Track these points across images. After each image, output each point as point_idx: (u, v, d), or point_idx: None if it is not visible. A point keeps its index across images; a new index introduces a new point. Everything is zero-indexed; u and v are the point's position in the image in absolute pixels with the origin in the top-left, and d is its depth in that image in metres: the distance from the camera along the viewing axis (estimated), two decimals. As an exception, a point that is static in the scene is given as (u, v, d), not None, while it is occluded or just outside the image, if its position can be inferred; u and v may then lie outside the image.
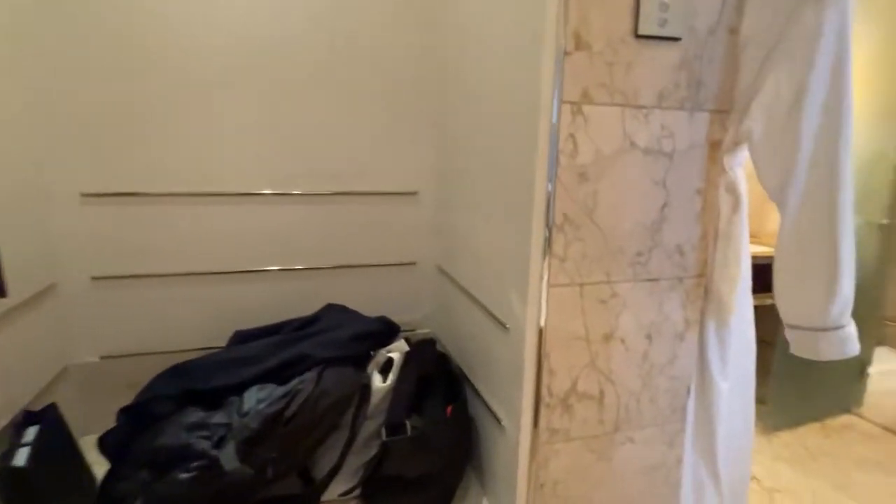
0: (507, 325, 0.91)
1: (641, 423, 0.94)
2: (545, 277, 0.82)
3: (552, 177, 0.79)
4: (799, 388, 2.21)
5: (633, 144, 0.82)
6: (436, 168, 1.40)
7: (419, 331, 1.48)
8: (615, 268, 0.86)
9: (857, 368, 2.38)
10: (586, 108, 0.78)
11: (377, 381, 1.01)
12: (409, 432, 0.93)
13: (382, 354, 1.07)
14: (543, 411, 0.87)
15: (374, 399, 0.98)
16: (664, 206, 0.86)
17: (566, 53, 0.76)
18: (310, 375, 0.91)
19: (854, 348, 0.79)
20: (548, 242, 0.81)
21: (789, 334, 0.83)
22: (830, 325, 0.77)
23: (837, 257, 0.75)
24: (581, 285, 0.84)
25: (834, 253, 0.75)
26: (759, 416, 2.36)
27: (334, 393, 0.89)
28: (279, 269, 1.34)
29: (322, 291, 1.34)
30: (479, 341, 1.07)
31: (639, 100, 0.81)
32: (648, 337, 0.91)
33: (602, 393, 0.90)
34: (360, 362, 1.04)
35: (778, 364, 2.11)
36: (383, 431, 0.94)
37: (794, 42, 0.77)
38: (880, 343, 3.03)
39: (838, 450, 2.11)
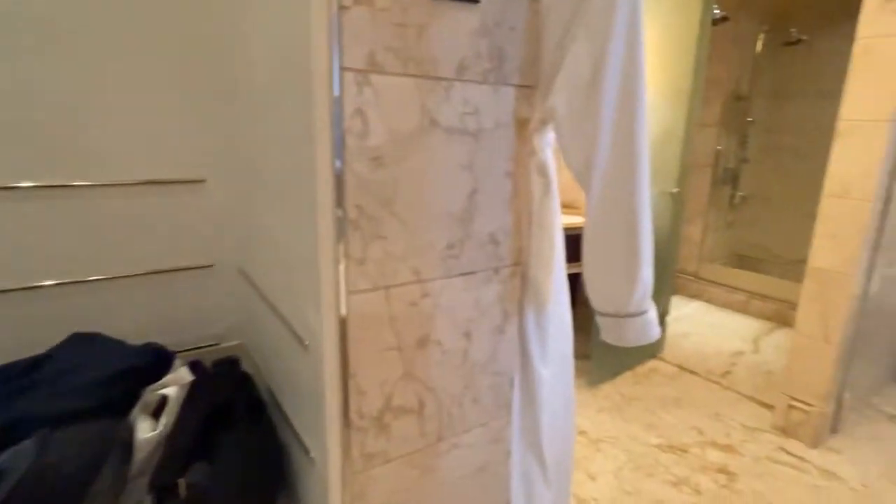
0: (306, 342, 0.75)
1: (466, 425, 0.87)
2: (342, 284, 0.67)
3: (339, 163, 0.64)
4: (615, 344, 2.44)
5: (433, 123, 0.70)
6: (226, 151, 1.15)
7: (226, 344, 1.25)
8: (425, 265, 0.75)
9: (659, 318, 2.71)
10: (375, 79, 0.64)
11: (144, 429, 0.78)
12: (182, 493, 0.73)
13: (153, 393, 0.84)
14: (355, 437, 0.74)
15: (141, 454, 0.76)
16: (473, 192, 0.77)
17: (342, 7, 0.60)
18: (26, 446, 0.65)
19: (655, 332, 0.80)
20: (342, 243, 0.66)
21: (599, 321, 0.82)
22: (634, 311, 0.76)
23: (638, 243, 0.73)
24: (387, 288, 0.72)
25: (635, 238, 0.73)
26: (584, 371, 2.58)
27: (68, 464, 0.65)
28: (10, 290, 1.00)
29: (79, 315, 1.03)
30: (284, 359, 0.90)
31: (437, 70, 0.69)
32: (467, 335, 0.83)
33: (421, 404, 0.80)
34: (120, 409, 0.80)
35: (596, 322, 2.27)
36: (148, 500, 0.73)
37: (590, 14, 0.71)
38: (674, 293, 3.54)
39: (647, 393, 2.39)
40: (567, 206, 2.72)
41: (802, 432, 2.03)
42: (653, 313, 0.79)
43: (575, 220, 1.98)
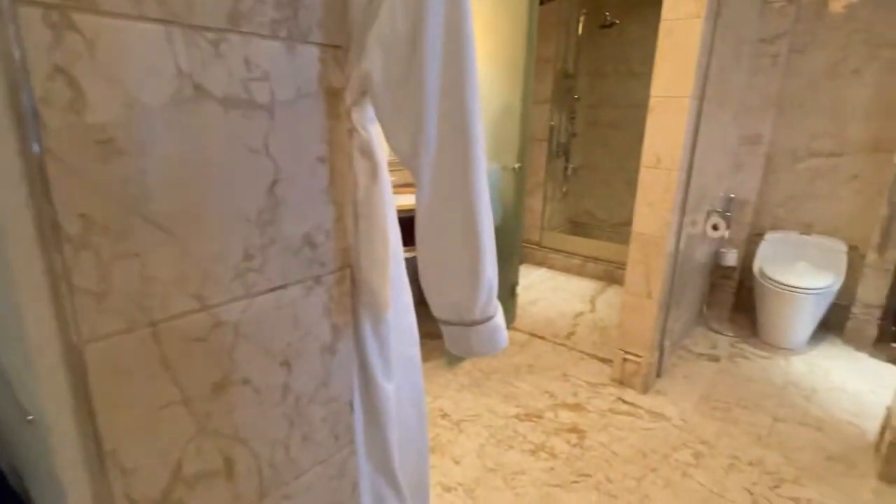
0: (29, 416, 0.51)
1: (298, 470, 0.71)
2: (67, 331, 0.45)
3: (37, 148, 0.41)
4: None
5: (199, 90, 0.50)
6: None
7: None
8: (212, 286, 0.55)
9: (509, 289, 2.78)
10: (84, 21, 0.42)
11: None
12: None
13: None
14: (127, 532, 0.53)
15: None
16: (274, 183, 0.59)
17: None
18: None
19: (503, 339, 0.71)
20: (57, 271, 0.44)
21: (442, 330, 0.70)
22: (479, 318, 0.66)
23: (478, 241, 0.62)
24: (153, 325, 0.51)
25: (474, 235, 0.62)
26: (444, 352, 2.56)
27: None
28: None
29: None
30: (16, 440, 0.63)
31: (194, 15, 0.48)
32: (286, 364, 0.65)
33: (230, 462, 0.62)
34: None
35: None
36: None
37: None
38: (521, 263, 3.72)
39: (503, 364, 2.44)
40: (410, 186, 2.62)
41: (635, 381, 2.24)
42: (500, 318, 0.70)
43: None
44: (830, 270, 2.65)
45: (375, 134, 0.72)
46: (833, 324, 2.81)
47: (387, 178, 0.75)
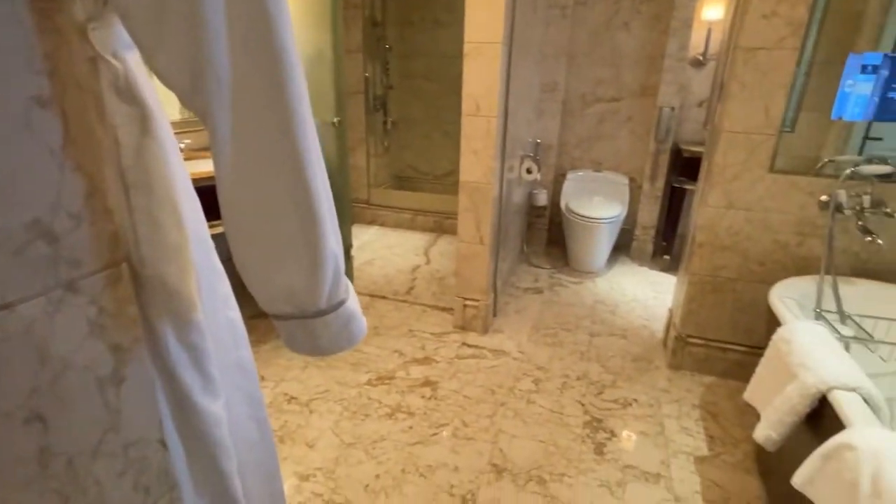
0: None
1: (90, 553, 0.50)
2: None
3: None
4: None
5: None
6: None
7: None
8: None
9: (344, 252, 2.62)
10: None
11: None
12: None
13: None
14: None
15: None
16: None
17: None
18: None
19: (360, 328, 0.57)
20: None
21: (278, 327, 0.54)
22: (325, 307, 0.51)
23: (311, 200, 0.46)
24: None
25: (305, 193, 0.46)
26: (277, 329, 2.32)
27: None
28: None
29: None
30: None
31: None
32: (37, 420, 0.43)
33: None
34: None
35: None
36: None
37: None
38: (352, 223, 3.55)
39: (347, 332, 2.31)
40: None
41: (476, 324, 2.32)
42: (354, 302, 0.56)
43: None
44: (618, 201, 3.06)
45: (138, 66, 0.49)
46: (622, 246, 3.29)
47: (168, 132, 0.53)
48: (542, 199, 3.22)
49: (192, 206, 0.57)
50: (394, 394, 1.88)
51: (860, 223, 1.61)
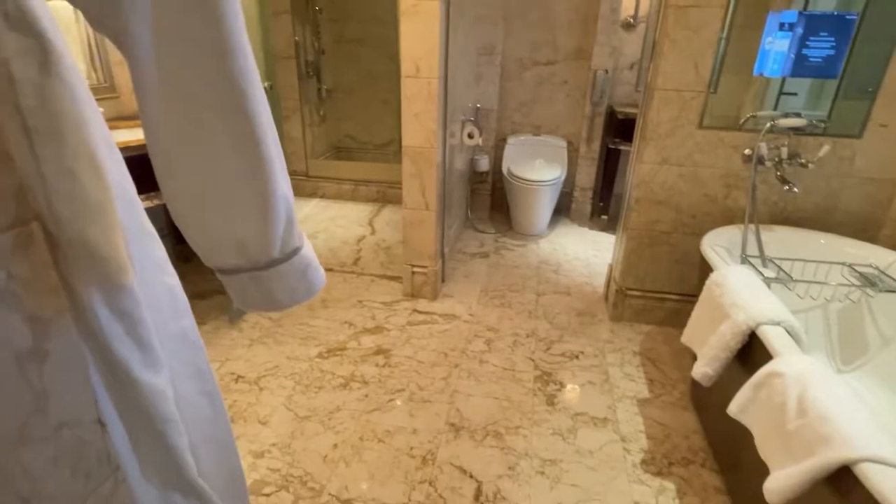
0: None
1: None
2: None
3: None
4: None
5: None
6: None
7: None
8: None
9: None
10: None
11: None
12: None
13: None
14: None
15: None
16: None
17: None
18: None
19: (319, 277, 0.53)
20: None
21: (227, 283, 0.49)
22: (279, 255, 0.47)
23: (256, 136, 0.41)
24: None
25: (248, 128, 0.41)
26: (221, 307, 2.21)
27: None
28: None
29: None
30: None
31: None
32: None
33: None
34: None
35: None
36: None
37: None
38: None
39: (294, 307, 2.23)
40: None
41: (425, 291, 2.31)
42: (309, 249, 0.52)
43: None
44: (558, 163, 3.11)
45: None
46: (562, 208, 3.37)
47: (76, 72, 0.46)
48: (484, 164, 3.23)
49: (113, 158, 0.50)
50: (346, 364, 1.85)
51: (779, 174, 1.72)
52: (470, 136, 2.71)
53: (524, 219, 3.05)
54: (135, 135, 1.81)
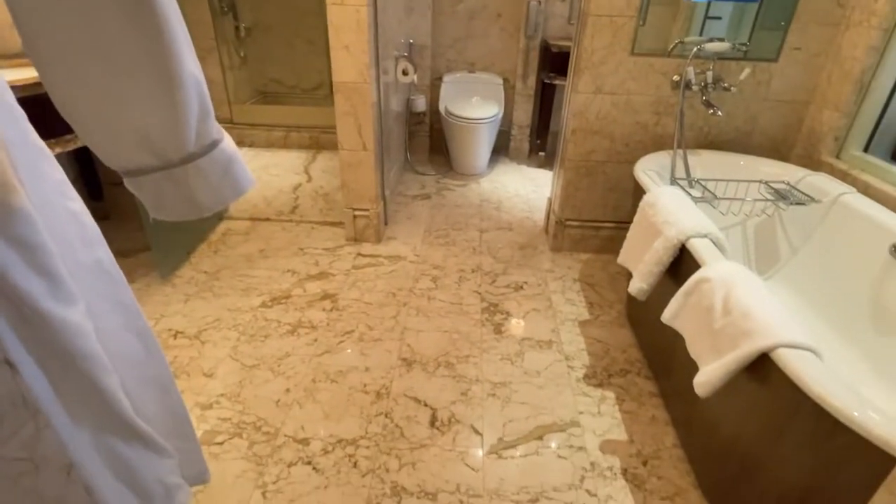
0: None
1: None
2: None
3: None
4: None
5: None
6: None
7: None
8: None
9: (212, 176, 2.33)
10: None
11: None
12: None
13: None
14: None
15: None
16: None
17: None
18: None
19: (246, 174, 0.47)
20: None
21: (138, 188, 0.43)
22: (197, 149, 0.41)
23: (153, 5, 0.35)
24: None
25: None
26: (151, 264, 2.06)
27: None
28: None
29: None
30: None
31: None
32: None
33: None
34: None
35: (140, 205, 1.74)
36: None
37: None
38: None
39: (231, 259, 2.11)
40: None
41: (368, 234, 2.26)
42: (230, 142, 0.46)
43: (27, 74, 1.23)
44: (495, 101, 3.07)
45: None
46: (501, 147, 3.36)
47: None
48: (421, 104, 3.12)
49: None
50: (292, 311, 1.80)
51: (704, 98, 1.78)
52: (405, 72, 2.60)
53: (464, 158, 3.02)
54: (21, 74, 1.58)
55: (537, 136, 3.28)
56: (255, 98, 3.67)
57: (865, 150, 1.75)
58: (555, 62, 2.88)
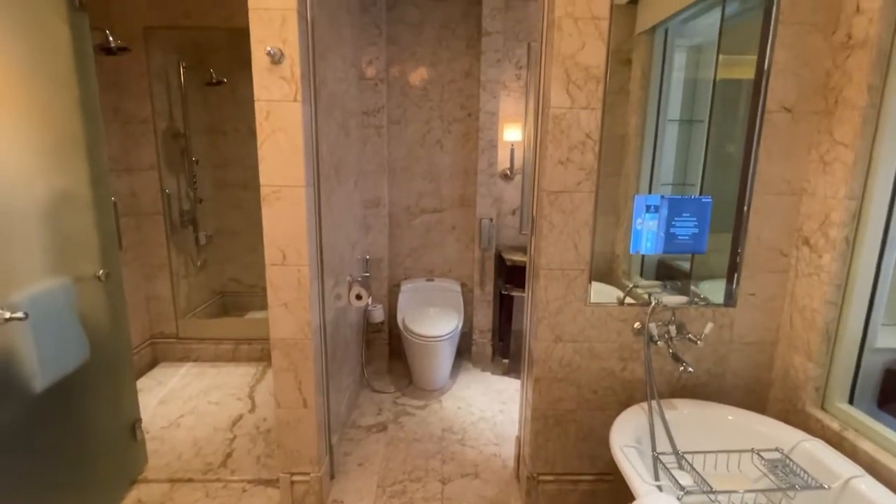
0: None
1: None
2: None
3: None
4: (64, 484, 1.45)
5: None
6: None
7: None
8: None
9: (129, 430, 1.92)
10: None
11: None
12: None
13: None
14: None
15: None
16: None
17: None
18: None
19: None
20: None
21: None
22: None
23: None
24: None
25: None
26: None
27: None
28: None
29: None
30: None
31: None
32: None
33: None
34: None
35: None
36: None
37: None
38: (153, 366, 2.57)
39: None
40: None
41: (309, 501, 1.83)
42: None
43: None
44: (454, 309, 2.89)
45: None
46: (463, 349, 3.12)
47: None
48: (379, 314, 2.92)
49: None
50: None
51: (671, 351, 1.60)
52: (358, 297, 2.42)
53: (424, 373, 2.73)
54: None
55: (500, 338, 3.07)
56: (212, 299, 3.42)
57: (850, 401, 1.55)
58: (511, 274, 2.79)
